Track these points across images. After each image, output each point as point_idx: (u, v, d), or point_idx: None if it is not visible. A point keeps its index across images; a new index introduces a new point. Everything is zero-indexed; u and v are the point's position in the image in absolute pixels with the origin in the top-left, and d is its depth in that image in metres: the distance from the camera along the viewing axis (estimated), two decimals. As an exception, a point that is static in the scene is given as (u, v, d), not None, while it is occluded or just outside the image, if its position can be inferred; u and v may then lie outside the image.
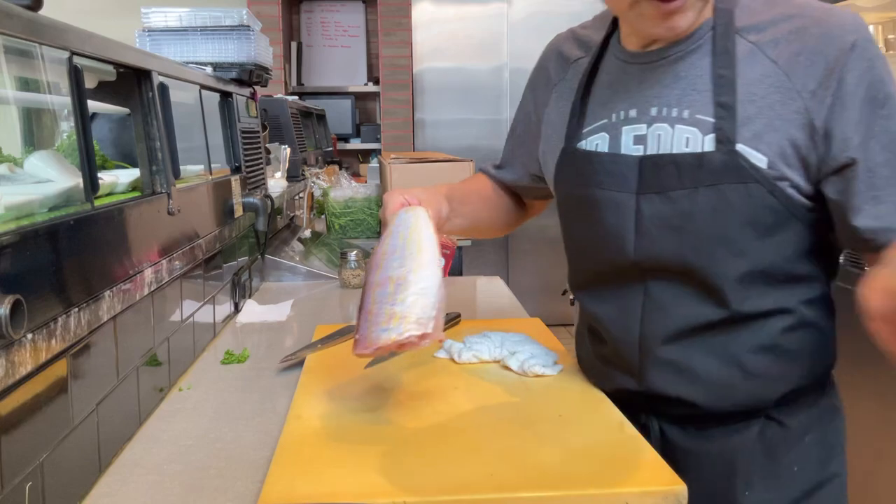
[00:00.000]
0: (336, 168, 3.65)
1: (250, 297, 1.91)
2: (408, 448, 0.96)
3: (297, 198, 2.70)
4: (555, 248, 5.38)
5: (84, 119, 0.98)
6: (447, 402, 1.12)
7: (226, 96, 1.84)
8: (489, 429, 1.02)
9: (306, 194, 2.80)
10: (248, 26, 1.87)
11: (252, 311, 1.76)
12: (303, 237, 2.56)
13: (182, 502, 0.91)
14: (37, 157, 1.05)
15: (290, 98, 3.32)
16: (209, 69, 1.81)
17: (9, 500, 0.74)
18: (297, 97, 3.89)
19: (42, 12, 0.90)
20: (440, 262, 0.98)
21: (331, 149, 4.36)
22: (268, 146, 2.39)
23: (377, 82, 5.09)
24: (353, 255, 2.07)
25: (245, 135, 1.92)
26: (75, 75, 0.97)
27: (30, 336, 0.77)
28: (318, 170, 3.36)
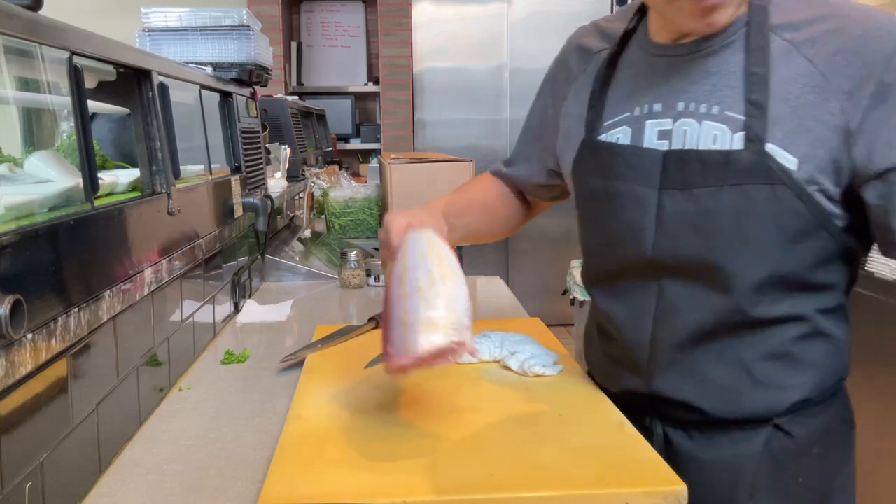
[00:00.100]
0: (336, 168, 3.65)
1: (250, 297, 1.91)
2: (408, 448, 0.96)
3: (297, 198, 2.70)
4: (555, 247, 5.40)
5: (84, 119, 0.98)
6: (447, 402, 1.12)
7: (226, 96, 1.84)
8: (489, 429, 1.02)
9: (306, 194, 2.80)
10: (248, 26, 1.88)
11: (252, 311, 1.76)
12: (303, 237, 2.56)
13: (182, 502, 0.91)
14: (37, 157, 1.05)
15: (290, 98, 3.32)
16: (209, 69, 1.81)
17: (9, 500, 0.74)
18: (297, 97, 3.89)
19: (42, 12, 0.90)
20: (463, 274, 0.98)
21: (331, 149, 4.36)
22: (268, 146, 2.39)
23: (377, 82, 5.09)
24: (353, 255, 2.07)
25: (245, 135, 1.92)
26: (75, 75, 0.97)
27: (30, 336, 0.77)
28: (318, 170, 3.36)
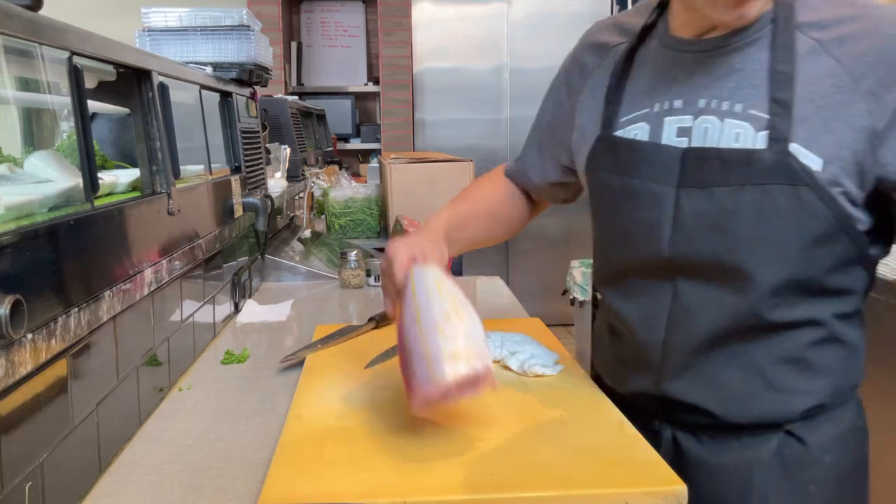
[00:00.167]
0: (336, 168, 3.65)
1: (250, 297, 1.91)
2: (408, 448, 0.96)
3: (297, 198, 2.70)
4: (555, 247, 5.40)
5: (84, 119, 0.97)
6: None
7: (226, 96, 1.84)
8: (489, 429, 1.02)
9: (306, 194, 2.80)
10: (248, 26, 1.88)
11: (252, 311, 1.76)
12: (303, 237, 2.56)
13: (182, 502, 0.91)
14: (37, 157, 1.05)
15: (290, 98, 3.32)
16: (209, 69, 1.81)
17: (9, 500, 0.74)
18: (297, 97, 3.89)
19: (42, 12, 0.90)
20: (472, 307, 0.99)
21: (331, 149, 4.37)
22: (268, 146, 2.39)
23: (377, 82, 5.09)
24: (353, 255, 2.07)
25: (245, 135, 1.92)
26: (75, 75, 0.97)
27: (30, 336, 0.77)
28: (318, 170, 3.36)
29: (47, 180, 1.01)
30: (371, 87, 5.18)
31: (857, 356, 1.02)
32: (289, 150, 2.57)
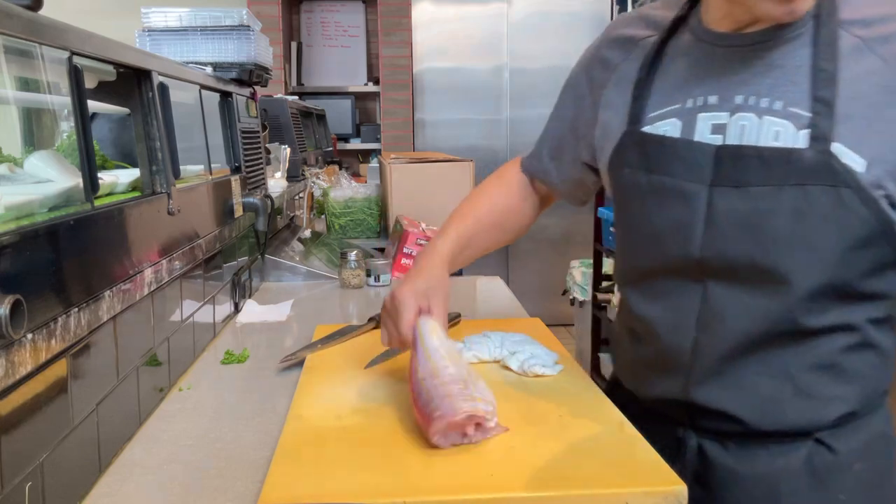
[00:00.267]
0: (336, 168, 3.65)
1: (250, 297, 1.91)
2: (408, 448, 0.96)
3: (297, 198, 2.70)
4: (555, 248, 5.39)
5: (84, 119, 0.98)
6: (447, 402, 1.12)
7: (226, 96, 1.84)
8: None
9: (306, 194, 2.80)
10: (248, 26, 1.88)
11: (252, 311, 1.76)
12: (303, 237, 2.56)
13: (182, 502, 0.91)
14: (37, 157, 1.05)
15: (290, 98, 3.32)
16: (209, 69, 1.81)
17: (9, 500, 0.74)
18: (297, 97, 3.89)
19: (42, 12, 0.90)
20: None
21: (331, 149, 4.36)
22: (268, 146, 2.39)
23: (377, 82, 5.09)
24: (353, 255, 2.07)
25: (245, 135, 1.92)
26: (75, 75, 0.97)
27: (30, 336, 0.77)
28: (318, 170, 3.36)
29: (47, 180, 1.01)
30: (371, 87, 5.18)
31: (888, 361, 1.00)
32: (289, 150, 2.57)
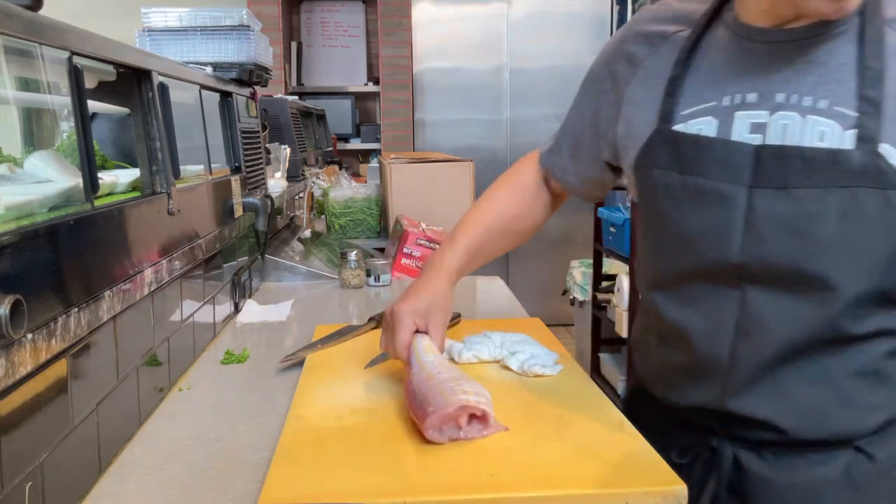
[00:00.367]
0: (336, 168, 3.65)
1: (250, 297, 1.91)
2: (408, 448, 0.96)
3: (297, 198, 2.70)
4: (555, 248, 5.40)
5: (84, 119, 0.98)
6: (447, 402, 1.12)
7: (226, 96, 1.84)
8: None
9: (306, 194, 2.80)
10: (248, 26, 1.88)
11: (252, 311, 1.76)
12: (303, 237, 2.56)
13: (182, 502, 0.91)
14: (37, 157, 1.05)
15: (290, 98, 3.32)
16: (209, 69, 1.81)
17: (9, 500, 0.74)
18: (297, 97, 3.89)
19: (42, 12, 0.90)
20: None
21: (331, 149, 4.36)
22: (268, 146, 2.39)
23: (377, 82, 5.09)
24: (353, 255, 2.07)
25: (245, 135, 1.92)
26: (75, 75, 0.96)
27: (30, 336, 0.77)
28: (318, 170, 3.36)
29: (47, 180, 1.01)
30: (371, 87, 5.18)
31: None
32: (289, 150, 2.57)
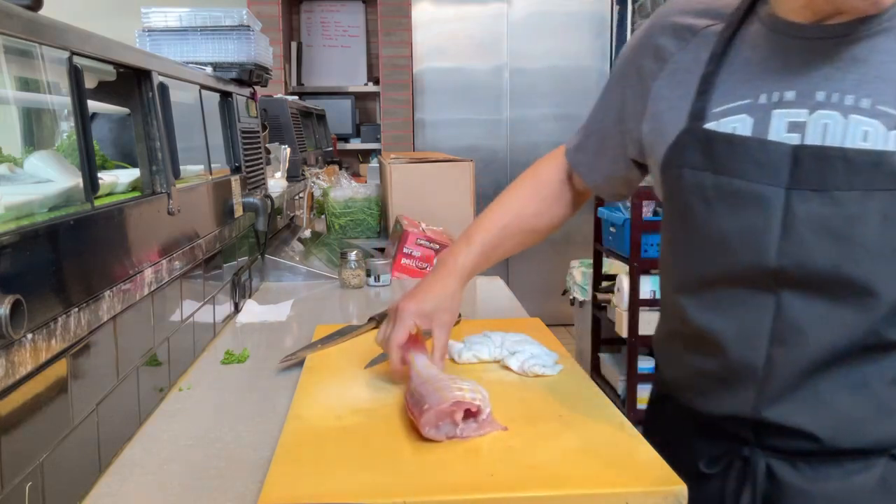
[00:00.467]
0: (336, 168, 3.65)
1: (250, 297, 1.91)
2: (408, 448, 0.96)
3: (297, 198, 2.70)
4: (555, 248, 5.40)
5: (84, 119, 0.98)
6: (447, 402, 1.12)
7: (226, 96, 1.84)
8: (489, 429, 1.02)
9: (306, 194, 2.80)
10: (248, 26, 1.88)
11: (252, 311, 1.76)
12: (303, 237, 2.56)
13: (182, 502, 0.91)
14: (37, 157, 1.05)
15: (290, 98, 3.32)
16: (209, 69, 1.81)
17: (9, 500, 0.74)
18: (297, 97, 3.89)
19: (42, 12, 0.90)
20: None
21: (331, 149, 4.37)
22: (268, 146, 2.39)
23: (377, 82, 5.09)
24: (353, 255, 2.07)
25: (245, 135, 1.92)
26: (75, 75, 0.96)
27: (30, 336, 0.77)
28: (318, 170, 3.36)
29: (47, 180, 1.01)
30: (371, 87, 5.18)
31: None
32: (289, 150, 2.57)
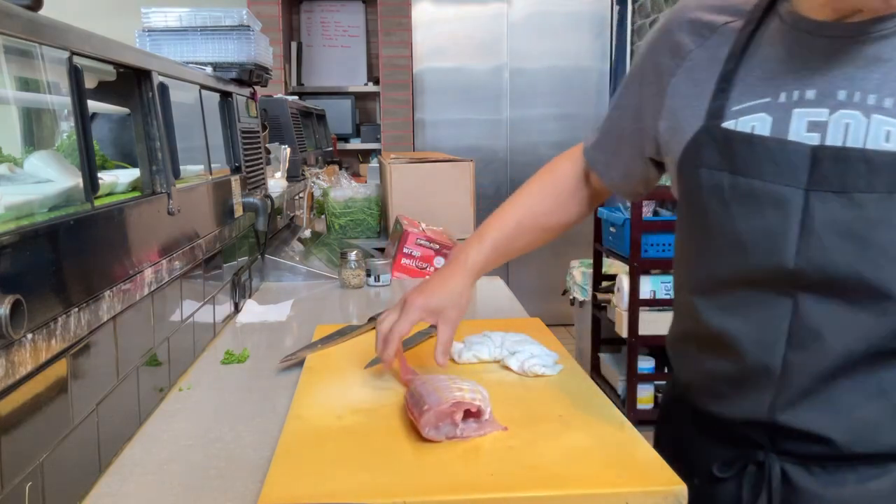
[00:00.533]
0: (336, 168, 3.65)
1: (250, 297, 1.91)
2: (408, 448, 0.96)
3: (297, 198, 2.70)
4: (555, 248, 5.40)
5: (84, 119, 0.98)
6: (447, 402, 1.12)
7: (226, 96, 1.84)
8: (489, 429, 1.02)
9: (306, 194, 2.80)
10: (248, 26, 1.88)
11: (252, 311, 1.76)
12: (303, 237, 2.57)
13: (182, 502, 0.91)
14: (37, 157, 1.05)
15: (290, 98, 3.32)
16: (209, 69, 1.81)
17: (9, 500, 0.74)
18: (297, 97, 3.89)
19: (42, 12, 0.90)
20: None
21: (331, 149, 4.36)
22: (268, 146, 2.39)
23: (377, 82, 5.09)
24: (353, 255, 2.07)
25: (245, 135, 1.92)
26: (75, 75, 0.97)
27: (30, 336, 0.77)
28: (318, 170, 3.36)
29: (47, 180, 1.01)
30: (371, 87, 5.18)
31: None
32: (289, 150, 2.57)
